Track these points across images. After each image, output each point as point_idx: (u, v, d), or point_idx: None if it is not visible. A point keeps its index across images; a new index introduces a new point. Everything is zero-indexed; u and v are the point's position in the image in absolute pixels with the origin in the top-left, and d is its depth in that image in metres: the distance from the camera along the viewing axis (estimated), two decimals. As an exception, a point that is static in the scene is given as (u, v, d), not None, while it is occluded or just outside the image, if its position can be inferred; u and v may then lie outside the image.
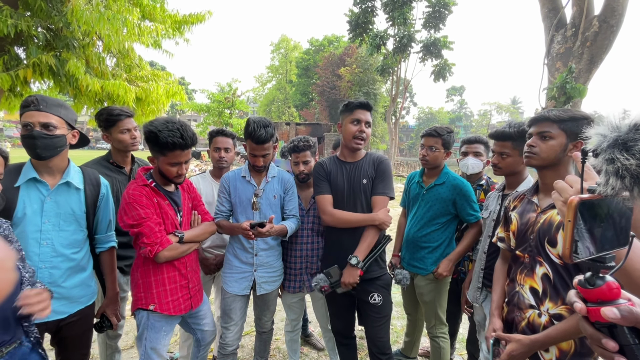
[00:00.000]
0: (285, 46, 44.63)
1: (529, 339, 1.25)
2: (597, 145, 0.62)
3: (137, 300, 1.68)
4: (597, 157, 0.62)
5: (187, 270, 1.75)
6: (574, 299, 0.61)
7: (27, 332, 1.12)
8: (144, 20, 3.99)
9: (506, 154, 1.83)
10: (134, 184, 1.61)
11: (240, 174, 2.04)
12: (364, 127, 1.93)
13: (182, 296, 1.72)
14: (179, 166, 1.61)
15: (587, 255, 0.60)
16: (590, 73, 4.34)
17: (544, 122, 1.34)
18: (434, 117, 59.61)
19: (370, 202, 1.94)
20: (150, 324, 1.66)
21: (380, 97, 30.89)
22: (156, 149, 1.57)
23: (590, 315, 0.58)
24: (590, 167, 0.69)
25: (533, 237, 1.34)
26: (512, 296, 1.42)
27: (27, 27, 2.94)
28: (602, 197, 0.61)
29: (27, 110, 1.44)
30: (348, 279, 1.84)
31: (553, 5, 4.67)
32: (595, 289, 0.58)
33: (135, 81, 4.09)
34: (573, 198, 0.61)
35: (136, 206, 1.54)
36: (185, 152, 1.60)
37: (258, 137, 1.85)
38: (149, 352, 1.67)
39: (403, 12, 17.95)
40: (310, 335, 3.00)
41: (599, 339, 0.57)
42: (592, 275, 0.59)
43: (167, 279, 1.67)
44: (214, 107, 24.18)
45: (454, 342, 2.62)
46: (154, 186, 1.64)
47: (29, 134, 1.43)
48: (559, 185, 0.75)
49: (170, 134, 1.51)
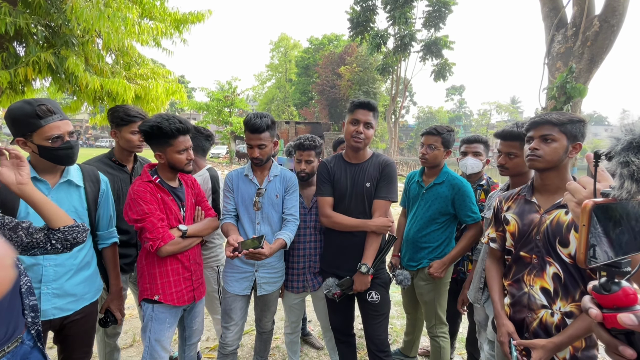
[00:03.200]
0: (284, 45, 44.59)
1: (553, 343, 1.26)
2: (611, 148, 0.61)
3: (143, 291, 1.75)
4: (611, 160, 0.61)
5: (190, 263, 1.81)
6: (588, 304, 0.59)
7: (29, 327, 1.11)
8: (144, 19, 3.98)
9: (514, 154, 1.80)
10: (139, 180, 1.69)
11: (243, 173, 2.03)
12: (362, 127, 1.89)
13: (185, 287, 1.78)
14: (186, 152, 1.73)
15: (602, 260, 0.59)
16: (591, 73, 4.34)
17: (545, 126, 1.36)
18: (434, 116, 59.62)
19: (372, 205, 1.95)
20: (154, 315, 1.72)
21: (380, 96, 30.89)
22: (162, 141, 1.67)
23: (606, 321, 0.56)
24: (604, 169, 0.67)
25: (540, 238, 1.35)
26: (519, 297, 1.42)
27: (26, 25, 2.92)
28: (616, 201, 0.60)
29: (52, 122, 1.39)
30: (360, 286, 1.89)
31: (554, 4, 4.67)
32: (611, 295, 0.56)
33: (135, 79, 4.07)
34: (587, 202, 0.60)
35: (140, 202, 1.61)
36: (187, 137, 1.74)
37: (252, 125, 1.87)
38: (154, 344, 1.72)
39: (404, 11, 17.95)
40: (309, 335, 3.00)
41: (616, 346, 0.56)
42: (607, 280, 0.58)
43: (170, 271, 1.74)
44: (214, 105, 24.18)
45: (454, 341, 2.63)
46: (159, 182, 1.71)
47: (66, 146, 1.44)
48: (572, 186, 0.74)
49: (171, 122, 1.65)
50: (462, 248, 2.13)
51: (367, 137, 1.91)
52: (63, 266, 1.51)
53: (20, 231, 1.16)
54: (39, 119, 1.36)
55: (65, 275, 1.52)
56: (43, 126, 1.37)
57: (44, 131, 1.37)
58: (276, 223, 2.03)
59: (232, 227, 1.96)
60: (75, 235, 1.26)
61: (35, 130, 1.37)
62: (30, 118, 1.35)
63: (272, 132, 1.94)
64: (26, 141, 1.39)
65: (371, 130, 1.93)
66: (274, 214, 2.01)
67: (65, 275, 1.52)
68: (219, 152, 30.43)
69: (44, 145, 1.39)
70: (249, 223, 1.99)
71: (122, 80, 3.54)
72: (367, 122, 1.90)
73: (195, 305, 1.91)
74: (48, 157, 1.43)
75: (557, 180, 1.38)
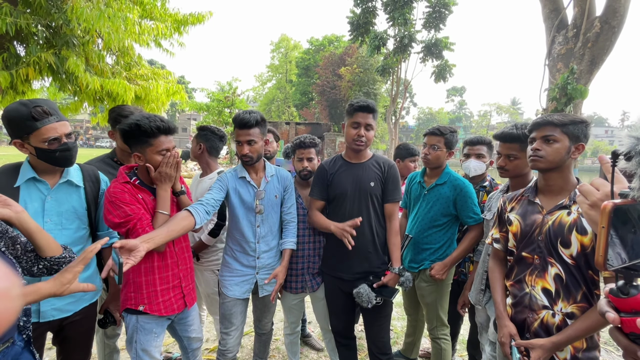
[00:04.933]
0: (285, 45, 44.66)
1: (551, 342, 1.27)
2: (631, 147, 0.60)
3: (126, 300, 1.61)
4: (630, 160, 0.60)
5: (180, 269, 1.70)
6: (605, 308, 0.58)
7: (20, 330, 1.10)
8: (144, 19, 3.98)
9: (514, 156, 1.80)
10: (115, 182, 1.56)
11: (237, 175, 1.95)
12: (363, 130, 1.89)
13: (174, 295, 1.67)
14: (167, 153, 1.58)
15: (620, 262, 0.57)
16: (592, 74, 4.34)
17: (547, 127, 1.37)
18: (434, 117, 59.67)
19: (376, 203, 1.95)
20: (139, 326, 1.60)
21: (381, 97, 30.88)
22: (141, 140, 1.52)
23: (625, 326, 0.55)
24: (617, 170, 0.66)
25: (542, 239, 1.36)
26: (521, 298, 1.42)
27: (27, 25, 2.92)
28: (636, 202, 0.58)
29: (49, 123, 1.36)
30: (394, 284, 1.95)
31: (554, 6, 4.66)
32: (630, 299, 0.55)
33: (135, 79, 4.07)
34: (607, 203, 0.58)
35: (120, 204, 1.48)
36: (169, 138, 1.57)
37: (241, 120, 1.82)
38: (141, 354, 1.61)
39: (404, 13, 17.96)
40: (308, 336, 2.99)
41: (635, 351, 0.54)
42: (625, 283, 0.56)
43: (158, 280, 1.62)
44: (214, 106, 24.17)
45: (455, 343, 2.61)
46: (138, 183, 1.59)
47: (64, 148, 1.42)
48: (585, 188, 0.73)
49: (150, 120, 1.50)
50: (463, 249, 2.12)
51: (368, 139, 1.92)
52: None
53: (17, 244, 1.18)
54: (34, 121, 1.34)
55: None
56: (39, 128, 1.35)
57: (41, 133, 1.35)
58: (275, 224, 2.01)
59: (186, 214, 1.62)
60: (60, 267, 1.28)
61: (32, 132, 1.35)
62: (26, 120, 1.33)
63: (262, 129, 1.88)
64: (23, 143, 1.38)
65: (372, 131, 1.93)
66: (273, 215, 2.00)
67: None
68: (219, 153, 30.45)
69: (41, 148, 1.38)
70: (249, 226, 1.94)
71: (123, 81, 3.54)
72: (367, 124, 1.90)
73: (187, 313, 1.79)
74: (46, 159, 1.42)
75: (559, 181, 1.38)
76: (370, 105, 1.90)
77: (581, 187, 0.75)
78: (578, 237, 1.27)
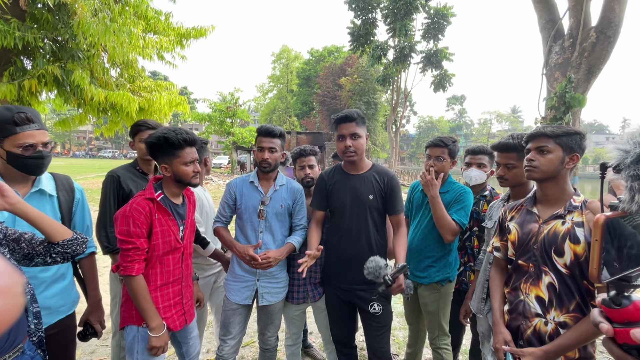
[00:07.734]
0: (286, 56, 45.29)
1: (542, 351, 1.28)
2: (619, 160, 0.61)
3: (127, 318, 1.59)
4: (619, 173, 0.61)
5: (182, 285, 1.71)
6: (598, 319, 0.58)
7: (31, 334, 1.10)
8: (148, 33, 4.07)
9: (512, 165, 1.83)
10: (140, 197, 1.58)
11: (248, 180, 2.03)
12: (350, 141, 1.87)
13: (176, 312, 1.67)
14: (193, 164, 1.65)
15: (613, 275, 0.58)
16: (589, 83, 4.38)
17: (540, 138, 1.40)
18: (434, 126, 59.90)
19: (376, 215, 1.95)
20: (141, 335, 1.58)
21: (381, 106, 31.12)
22: (169, 152, 1.59)
23: (618, 336, 0.55)
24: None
25: (537, 247, 1.38)
26: (516, 305, 1.44)
27: (34, 39, 3.00)
28: (626, 214, 0.59)
29: (28, 130, 1.35)
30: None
31: (550, 16, 4.74)
32: (622, 309, 0.55)
33: (139, 91, 4.14)
34: (599, 216, 0.59)
35: (130, 222, 1.50)
36: (194, 149, 1.67)
37: (267, 129, 1.95)
38: None
39: (404, 23, 18.24)
40: (310, 347, 2.96)
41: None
42: (617, 294, 0.56)
43: (160, 297, 1.61)
44: (216, 116, 24.39)
45: (457, 353, 2.59)
46: (161, 199, 1.61)
47: (37, 155, 1.38)
48: (594, 205, 0.74)
49: (177, 133, 1.59)
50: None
51: (358, 149, 1.88)
52: (35, 279, 1.44)
53: (22, 243, 1.17)
54: (15, 126, 1.33)
55: (37, 288, 1.43)
56: (17, 133, 1.33)
57: (17, 138, 1.33)
58: (278, 233, 2.02)
59: (225, 231, 2.01)
60: (74, 248, 1.25)
61: (8, 136, 1.33)
62: (6, 124, 1.32)
63: (282, 142, 2.00)
64: None
65: (360, 139, 1.88)
66: (277, 224, 2.01)
67: (38, 288, 1.45)
68: (220, 162, 30.72)
69: (13, 152, 1.34)
70: (252, 231, 1.98)
71: (127, 93, 3.61)
72: (352, 133, 1.86)
73: (187, 326, 1.79)
74: (15, 165, 1.37)
75: (555, 191, 1.40)
76: (349, 115, 1.87)
77: (590, 205, 0.75)
78: (571, 246, 1.28)
